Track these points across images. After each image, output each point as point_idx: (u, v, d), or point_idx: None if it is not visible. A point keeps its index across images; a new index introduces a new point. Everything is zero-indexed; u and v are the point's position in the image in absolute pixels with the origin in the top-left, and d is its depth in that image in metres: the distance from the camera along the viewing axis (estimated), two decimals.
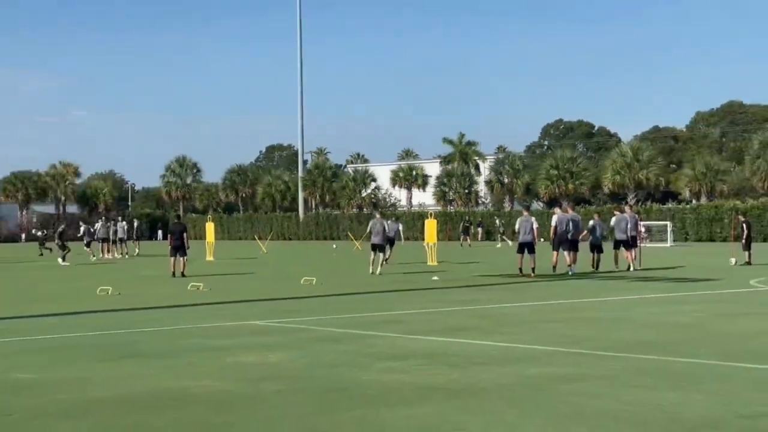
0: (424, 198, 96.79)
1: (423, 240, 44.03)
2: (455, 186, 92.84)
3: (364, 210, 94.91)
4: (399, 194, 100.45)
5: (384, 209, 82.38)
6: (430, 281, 27.11)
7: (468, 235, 67.56)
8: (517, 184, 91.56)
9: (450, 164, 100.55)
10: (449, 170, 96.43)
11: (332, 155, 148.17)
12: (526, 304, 19.58)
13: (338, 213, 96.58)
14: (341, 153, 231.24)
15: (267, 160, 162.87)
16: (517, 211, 69.07)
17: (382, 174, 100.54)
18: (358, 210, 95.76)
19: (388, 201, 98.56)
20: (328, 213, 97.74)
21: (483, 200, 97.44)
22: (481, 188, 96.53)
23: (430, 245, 37.74)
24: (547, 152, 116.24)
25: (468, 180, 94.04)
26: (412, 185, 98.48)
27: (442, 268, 33.50)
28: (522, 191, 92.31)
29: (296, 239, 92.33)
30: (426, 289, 24.32)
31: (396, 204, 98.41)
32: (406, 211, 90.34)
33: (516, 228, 30.32)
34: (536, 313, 17.72)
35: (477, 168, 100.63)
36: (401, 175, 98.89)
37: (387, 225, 32.55)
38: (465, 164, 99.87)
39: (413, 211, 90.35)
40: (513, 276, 28.63)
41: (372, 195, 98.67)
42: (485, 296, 22.01)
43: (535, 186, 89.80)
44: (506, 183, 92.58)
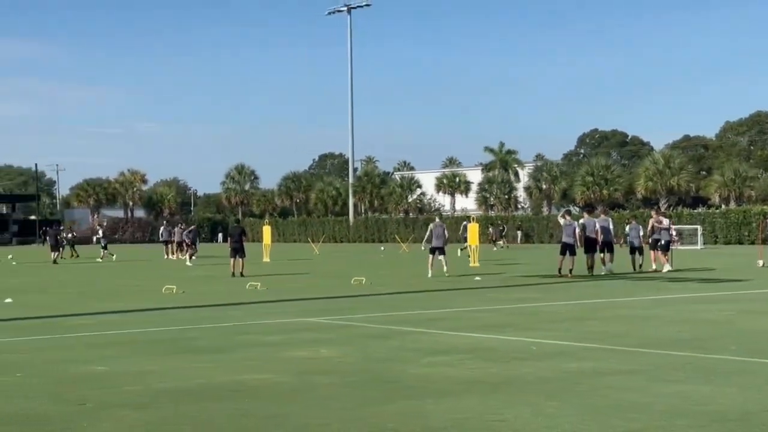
0: (467, 203, 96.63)
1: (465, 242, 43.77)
2: (496, 192, 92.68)
3: (410, 214, 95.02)
4: (443, 200, 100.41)
5: (430, 213, 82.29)
6: (473, 281, 26.99)
7: (504, 238, 67.66)
8: (555, 190, 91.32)
9: (491, 171, 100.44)
10: (490, 177, 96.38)
11: (380, 163, 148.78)
12: (563, 303, 19.41)
13: (386, 217, 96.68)
14: (389, 161, 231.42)
15: (320, 168, 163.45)
16: (554, 215, 69.21)
17: (427, 181, 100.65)
18: (405, 214, 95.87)
19: (433, 206, 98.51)
20: (377, 217, 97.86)
21: (522, 205, 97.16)
22: (521, 194, 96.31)
23: (472, 247, 37.59)
24: (583, 160, 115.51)
25: (508, 186, 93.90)
26: (455, 191, 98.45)
27: (484, 270, 33.35)
28: (559, 197, 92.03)
29: (347, 242, 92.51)
30: (469, 289, 24.23)
31: (440, 209, 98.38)
32: (450, 215, 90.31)
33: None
34: (572, 311, 17.56)
35: (516, 175, 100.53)
36: (445, 182, 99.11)
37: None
38: (505, 171, 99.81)
39: (456, 215, 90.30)
40: (551, 276, 28.43)
41: (417, 200, 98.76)
42: (524, 295, 21.87)
43: (572, 192, 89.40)
44: (544, 189, 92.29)
